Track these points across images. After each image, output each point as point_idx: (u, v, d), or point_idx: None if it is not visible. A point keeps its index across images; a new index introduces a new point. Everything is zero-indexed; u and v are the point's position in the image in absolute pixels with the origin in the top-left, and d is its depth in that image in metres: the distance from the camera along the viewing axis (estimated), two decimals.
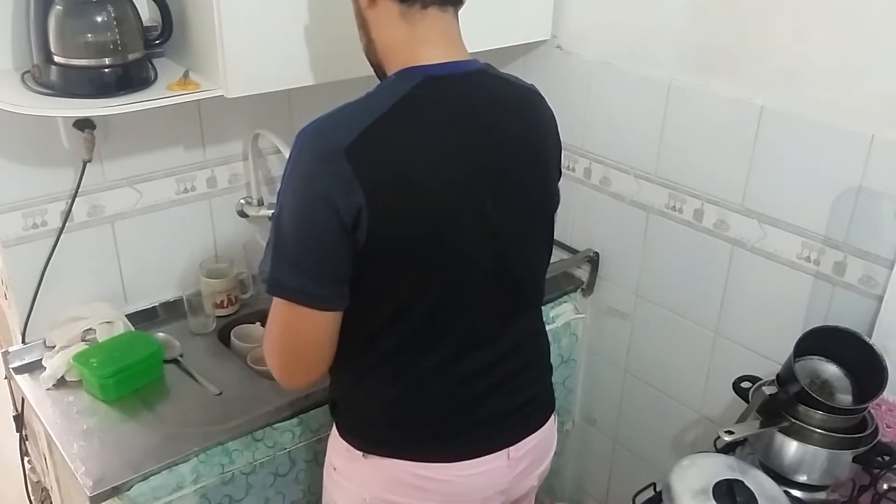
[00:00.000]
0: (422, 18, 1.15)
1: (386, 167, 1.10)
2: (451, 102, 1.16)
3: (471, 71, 1.19)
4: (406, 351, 1.22)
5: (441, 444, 1.27)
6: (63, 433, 1.46)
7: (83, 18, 1.43)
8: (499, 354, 1.28)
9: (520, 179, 1.23)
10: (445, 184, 1.14)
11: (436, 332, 1.21)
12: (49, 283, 1.65)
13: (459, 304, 1.21)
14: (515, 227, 1.24)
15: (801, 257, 1.59)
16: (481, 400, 1.28)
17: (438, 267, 1.17)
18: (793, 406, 1.40)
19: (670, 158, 1.77)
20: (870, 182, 1.45)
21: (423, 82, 1.14)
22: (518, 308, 1.30)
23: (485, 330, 1.26)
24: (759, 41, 1.56)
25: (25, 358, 1.63)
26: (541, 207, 1.31)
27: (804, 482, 1.42)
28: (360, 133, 1.08)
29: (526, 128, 1.25)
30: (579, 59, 1.88)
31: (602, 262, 2.00)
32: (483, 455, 1.28)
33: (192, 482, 1.43)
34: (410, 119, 1.12)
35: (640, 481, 1.47)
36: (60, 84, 1.43)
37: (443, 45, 1.17)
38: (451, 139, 1.15)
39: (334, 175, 1.07)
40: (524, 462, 1.35)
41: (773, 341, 1.65)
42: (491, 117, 1.20)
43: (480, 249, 1.20)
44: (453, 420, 1.28)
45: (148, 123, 1.65)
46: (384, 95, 1.14)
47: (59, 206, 1.63)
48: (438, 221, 1.15)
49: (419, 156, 1.12)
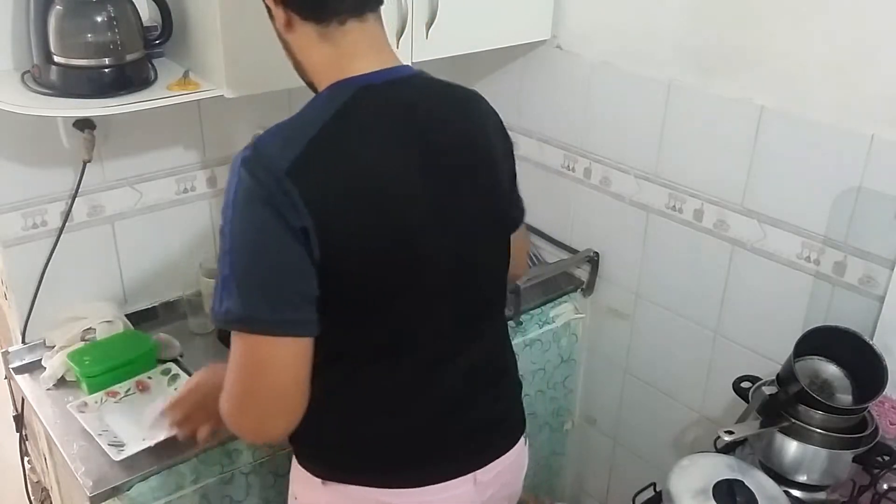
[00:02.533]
0: (342, 35, 1.10)
1: (331, 183, 1.04)
2: (388, 107, 1.12)
3: (405, 76, 1.15)
4: (366, 372, 1.17)
5: (402, 469, 1.21)
6: (63, 433, 1.46)
7: (83, 18, 1.42)
8: (463, 373, 1.23)
9: (472, 175, 1.19)
10: (395, 190, 1.10)
11: (397, 351, 1.16)
12: (49, 283, 1.65)
13: (423, 317, 1.16)
14: (470, 240, 1.19)
15: (801, 257, 1.58)
16: (443, 422, 1.23)
17: (400, 277, 1.12)
18: (793, 406, 1.40)
19: (670, 158, 1.77)
20: (870, 182, 1.45)
21: (357, 93, 1.09)
22: (484, 325, 1.26)
23: (448, 345, 1.21)
24: (759, 41, 1.56)
25: (25, 358, 1.63)
26: (496, 204, 1.25)
27: (804, 482, 1.42)
28: (300, 152, 1.03)
29: (471, 124, 1.21)
30: (579, 60, 1.88)
31: (602, 262, 2.00)
32: (449, 479, 1.23)
33: (192, 482, 1.43)
34: (350, 129, 1.08)
35: (640, 481, 1.47)
36: (60, 84, 1.43)
37: (370, 56, 1.12)
38: (395, 143, 1.10)
39: (279, 200, 1.01)
40: (493, 487, 1.29)
41: (773, 341, 1.65)
42: (433, 116, 1.16)
43: (441, 251, 1.15)
44: (414, 444, 1.22)
45: (148, 123, 1.64)
46: (318, 111, 1.09)
47: (59, 206, 1.62)
48: (394, 230, 1.10)
49: (364, 165, 1.08)
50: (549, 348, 2.01)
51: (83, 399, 1.51)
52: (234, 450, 1.47)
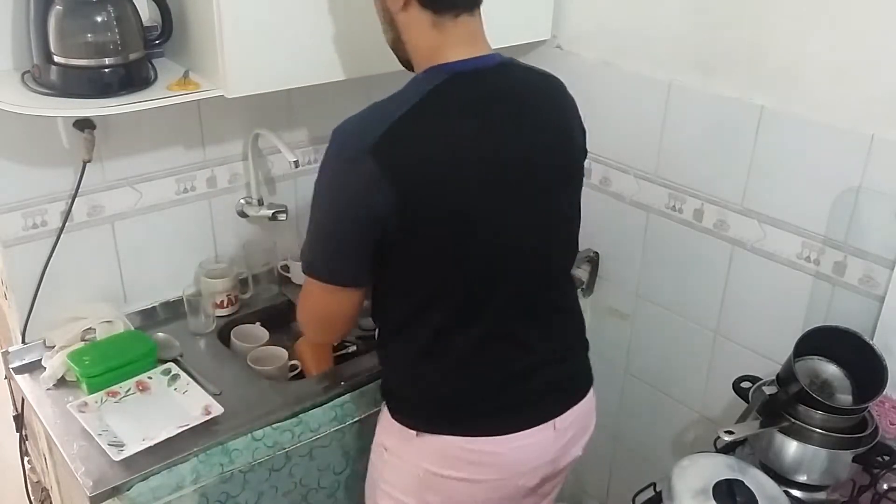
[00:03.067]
0: (453, 26, 1.22)
1: (411, 162, 1.16)
2: (477, 94, 1.22)
3: (495, 64, 1.26)
4: (448, 330, 1.29)
5: (489, 419, 1.33)
6: (63, 433, 1.46)
7: (83, 18, 1.42)
8: (537, 332, 1.35)
9: (551, 163, 1.30)
10: (474, 172, 1.20)
11: (474, 311, 1.28)
12: (49, 283, 1.64)
13: (495, 287, 1.28)
14: (547, 210, 1.31)
15: (801, 257, 1.58)
16: (524, 376, 1.34)
17: (472, 252, 1.24)
18: (793, 406, 1.40)
19: (670, 158, 1.76)
20: (870, 182, 1.45)
21: (450, 78, 1.20)
22: (552, 287, 1.38)
23: (521, 310, 1.32)
24: (759, 41, 1.56)
25: (25, 358, 1.63)
26: (572, 189, 1.38)
27: (804, 482, 1.41)
28: (384, 131, 1.15)
29: (553, 112, 1.33)
30: (579, 60, 1.88)
31: (602, 262, 1.99)
32: (530, 428, 1.35)
33: (192, 482, 1.42)
34: (436, 113, 1.19)
35: (640, 481, 1.47)
36: (60, 84, 1.43)
37: (468, 45, 1.24)
38: (479, 128, 1.21)
39: (360, 174, 1.15)
40: (569, 432, 1.41)
41: (773, 341, 1.65)
42: (518, 105, 1.26)
43: (514, 233, 1.27)
44: (498, 398, 1.34)
45: (148, 123, 1.64)
46: (410, 93, 1.20)
47: (58, 206, 1.62)
48: (469, 210, 1.21)
49: (445, 147, 1.18)
50: None
51: (83, 399, 1.51)
52: (234, 449, 1.47)
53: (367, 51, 1.58)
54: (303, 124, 1.90)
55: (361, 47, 1.56)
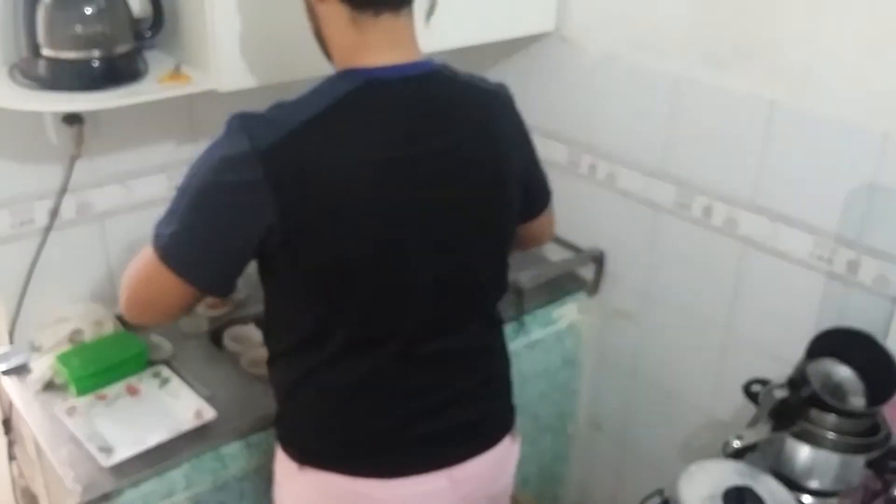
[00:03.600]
0: (373, 25, 1.11)
1: (303, 175, 1.06)
2: (391, 106, 1.11)
3: (420, 74, 1.14)
4: (340, 361, 1.18)
5: (375, 459, 1.23)
6: (51, 437, 1.44)
7: (72, 10, 1.40)
8: (442, 369, 1.24)
9: (467, 191, 1.18)
10: (374, 196, 1.10)
11: (371, 345, 1.18)
12: (37, 283, 1.63)
13: (397, 319, 1.18)
14: (463, 240, 1.20)
15: (813, 256, 1.58)
16: (421, 415, 1.24)
17: (368, 280, 1.13)
18: (805, 410, 1.38)
19: (678, 155, 1.76)
20: (883, 179, 1.45)
21: (364, 86, 1.10)
22: (466, 323, 1.26)
23: (426, 343, 1.21)
24: (770, 34, 1.55)
25: (12, 360, 1.60)
26: (492, 219, 1.24)
27: (816, 488, 1.39)
28: (282, 136, 1.05)
29: (476, 135, 1.18)
30: (584, 52, 1.88)
31: (608, 261, 1.99)
32: (421, 473, 1.24)
33: (185, 488, 1.41)
34: (342, 125, 1.08)
35: (647, 488, 1.45)
36: (48, 77, 1.41)
37: (391, 49, 1.12)
38: (385, 148, 1.10)
39: (244, 177, 1.05)
40: (469, 485, 1.29)
41: (784, 343, 1.63)
42: (438, 122, 1.15)
43: (417, 262, 1.15)
44: (389, 434, 1.23)
45: (138, 118, 1.62)
46: (319, 97, 1.10)
47: (46, 204, 1.61)
48: (365, 233, 1.11)
49: (345, 164, 1.08)
50: (552, 350, 2.00)
51: (72, 403, 1.49)
52: (227, 455, 1.45)
53: None
54: None
55: None
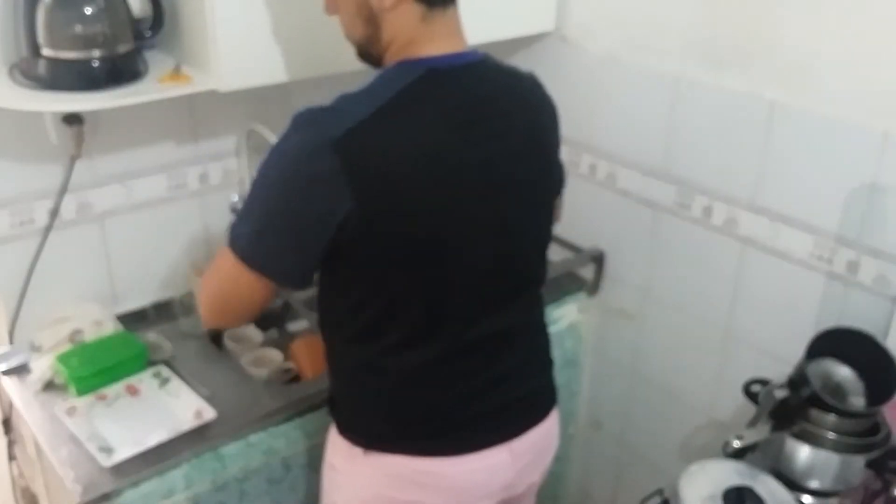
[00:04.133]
0: (440, 18, 1.17)
1: (376, 163, 1.09)
2: (451, 94, 1.17)
3: (471, 62, 1.21)
4: (403, 344, 1.22)
5: (441, 438, 1.27)
6: (51, 438, 1.43)
7: (72, 10, 1.40)
8: (497, 348, 1.29)
9: (524, 169, 1.24)
10: (442, 180, 1.14)
11: (434, 326, 1.21)
12: (36, 284, 1.63)
13: (457, 299, 1.22)
14: (518, 220, 1.25)
15: (813, 256, 1.57)
16: (481, 393, 1.28)
17: (435, 262, 1.18)
18: (805, 410, 1.37)
19: (678, 154, 1.75)
20: (883, 179, 1.45)
21: (425, 75, 1.15)
22: (518, 301, 1.31)
23: (484, 324, 1.25)
24: (770, 34, 1.55)
25: (12, 360, 1.60)
26: (544, 197, 1.32)
27: (816, 488, 1.39)
28: (352, 126, 1.08)
29: (528, 116, 1.27)
30: (584, 52, 1.88)
31: (607, 261, 1.98)
32: (484, 449, 1.28)
33: (184, 488, 1.41)
34: (408, 113, 1.13)
35: (647, 488, 1.45)
36: (48, 77, 1.41)
37: (448, 39, 1.19)
38: (450, 134, 1.15)
39: (320, 168, 1.08)
40: (527, 457, 1.34)
41: (784, 343, 1.63)
42: (493, 107, 1.21)
43: (481, 244, 1.21)
44: (453, 414, 1.27)
45: (138, 118, 1.62)
46: (382, 88, 1.14)
47: (46, 204, 1.61)
48: (434, 219, 1.15)
49: (414, 151, 1.12)
50: (553, 350, 1.99)
51: (72, 403, 1.49)
52: (227, 455, 1.45)
53: None
54: None
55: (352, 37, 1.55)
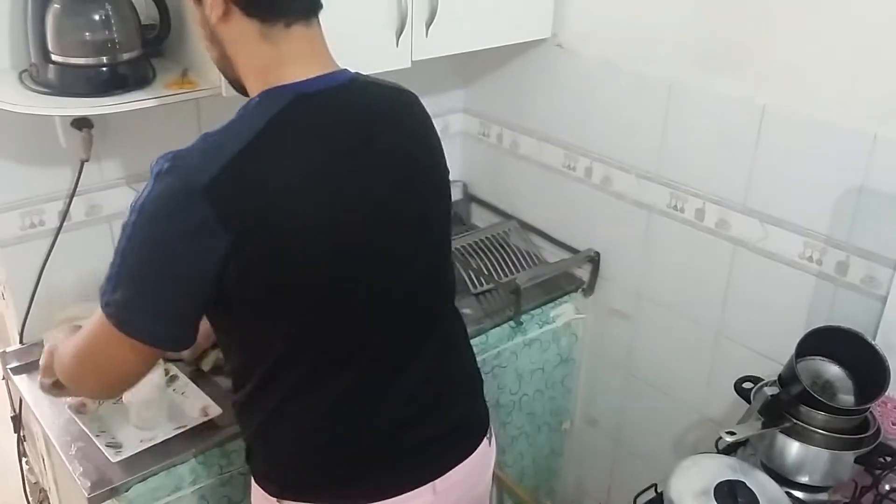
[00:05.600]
0: (286, 37, 1.06)
1: (253, 204, 1.00)
2: (324, 119, 1.07)
3: (342, 83, 1.11)
4: (310, 387, 1.14)
5: (355, 483, 1.19)
6: (61, 434, 1.45)
7: (81, 17, 1.41)
8: (414, 380, 1.20)
9: (411, 190, 1.16)
10: (326, 213, 1.06)
11: (339, 365, 1.14)
12: (47, 283, 1.64)
13: (362, 335, 1.14)
14: (412, 243, 1.17)
15: (803, 257, 1.58)
16: (399, 431, 1.20)
17: (327, 297, 1.09)
18: (794, 407, 1.39)
19: (672, 158, 1.76)
20: (872, 181, 1.45)
21: (293, 102, 1.05)
22: (428, 328, 1.23)
23: (394, 357, 1.18)
24: (761, 40, 1.55)
25: (23, 358, 1.62)
26: (437, 214, 1.23)
27: (806, 483, 1.41)
28: (221, 167, 0.99)
29: (407, 134, 1.18)
30: (580, 58, 1.88)
31: (603, 261, 1.99)
32: (405, 491, 1.20)
33: (191, 483, 1.42)
34: (280, 146, 1.03)
35: (641, 482, 1.46)
36: (58, 83, 1.42)
37: (310, 60, 1.08)
38: (328, 163, 1.06)
39: (191, 221, 0.98)
40: (453, 494, 1.26)
41: (774, 342, 1.64)
42: (368, 130, 1.12)
43: (376, 275, 1.12)
44: (370, 455, 1.19)
45: (146, 122, 1.62)
46: (249, 121, 1.04)
47: (56, 206, 1.62)
48: (323, 256, 1.06)
49: (293, 184, 1.03)
50: (549, 348, 2.01)
51: (82, 400, 1.49)
52: (232, 451, 1.46)
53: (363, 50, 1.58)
54: None
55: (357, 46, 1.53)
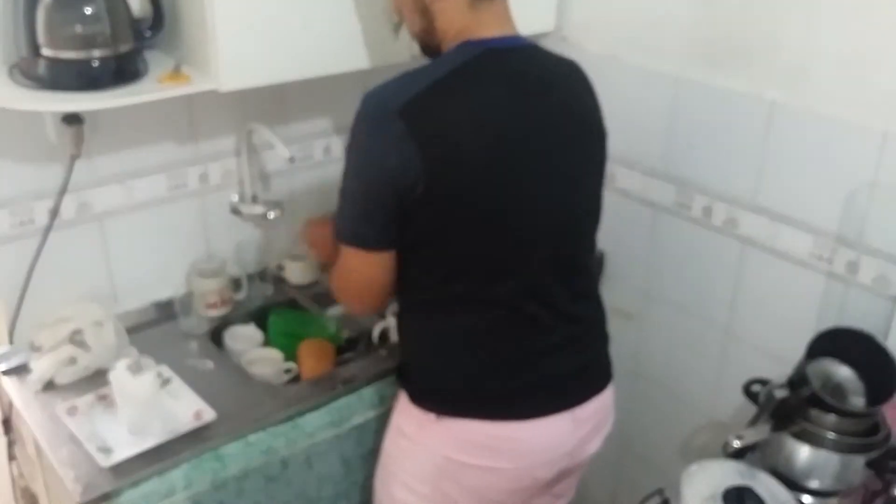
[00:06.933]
0: (488, 7, 1.27)
1: (439, 126, 1.19)
2: (508, 69, 1.27)
3: (524, 46, 1.31)
4: (469, 309, 1.30)
5: (510, 402, 1.34)
6: (51, 437, 1.43)
7: (72, 9, 1.40)
8: (561, 314, 1.35)
9: (576, 140, 1.33)
10: (500, 142, 1.23)
11: (497, 289, 1.29)
12: (36, 284, 1.62)
13: (521, 264, 1.29)
14: (574, 188, 1.34)
15: (813, 256, 1.57)
16: (546, 358, 1.35)
17: (498, 225, 1.26)
18: (804, 409, 1.38)
19: (678, 154, 1.76)
20: (883, 178, 1.45)
21: (483, 53, 1.25)
22: (573, 270, 1.38)
23: (543, 289, 1.32)
24: (769, 34, 1.55)
25: (12, 360, 1.60)
26: (595, 169, 1.40)
27: (816, 488, 1.39)
28: (414, 95, 1.19)
29: (578, 94, 1.37)
30: (584, 52, 1.86)
31: (608, 260, 1.98)
32: (549, 415, 1.35)
33: (184, 488, 1.41)
34: (468, 83, 1.23)
35: (646, 487, 1.45)
36: (48, 77, 1.40)
37: (500, 25, 1.30)
38: (508, 101, 1.24)
39: (388, 134, 1.19)
40: (588, 425, 1.41)
41: (784, 343, 1.63)
42: (547, 83, 1.31)
43: (541, 208, 1.28)
44: (521, 377, 1.34)
45: (138, 118, 1.62)
46: (443, 64, 1.25)
47: (46, 204, 1.60)
48: (497, 182, 1.24)
49: (476, 116, 1.22)
50: None
51: (72, 402, 1.49)
52: (226, 455, 1.45)
53: (364, 44, 1.57)
54: (298, 119, 1.88)
55: (357, 40, 1.56)
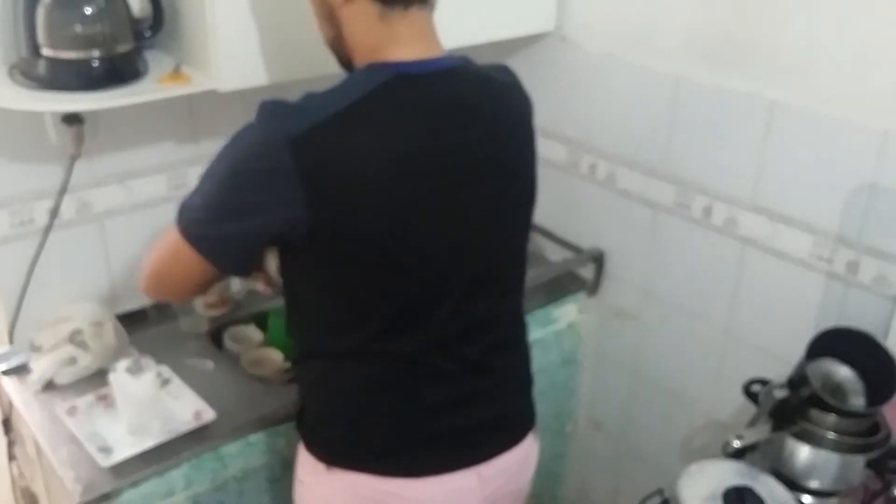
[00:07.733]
0: (402, 19, 1.12)
1: (332, 166, 1.06)
2: (421, 99, 1.12)
3: (445, 69, 1.16)
4: (365, 356, 1.19)
5: (404, 457, 1.23)
6: (51, 437, 1.43)
7: (72, 9, 1.40)
8: (466, 370, 1.23)
9: (498, 177, 1.20)
10: (403, 184, 1.10)
11: (397, 336, 1.17)
12: (36, 284, 1.62)
13: (425, 312, 1.17)
14: (488, 236, 1.21)
15: (813, 256, 1.57)
16: (449, 411, 1.23)
17: (398, 271, 1.14)
18: (804, 409, 1.37)
19: (678, 154, 1.75)
20: (884, 178, 1.44)
21: (393, 80, 1.10)
22: (495, 320, 1.26)
23: (455, 340, 1.21)
24: (770, 33, 1.54)
25: (12, 360, 1.60)
26: (515, 211, 1.27)
27: (816, 488, 1.39)
28: (312, 126, 1.06)
29: (499, 128, 1.21)
30: (584, 52, 1.87)
31: (607, 261, 1.98)
32: (450, 472, 1.23)
33: (184, 488, 1.41)
34: (371, 117, 1.09)
35: (646, 487, 1.45)
36: (48, 77, 1.40)
37: (418, 43, 1.14)
38: (413, 142, 1.11)
39: (272, 163, 1.06)
40: (497, 481, 1.29)
41: (784, 343, 1.63)
42: (468, 111, 1.16)
43: (449, 252, 1.16)
44: (419, 431, 1.23)
45: (138, 118, 1.62)
46: (349, 90, 1.10)
47: (46, 204, 1.60)
48: (392, 224, 1.10)
49: (372, 156, 1.08)
50: (551, 349, 2.00)
51: (72, 403, 1.49)
52: (226, 455, 1.45)
53: None
54: None
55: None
